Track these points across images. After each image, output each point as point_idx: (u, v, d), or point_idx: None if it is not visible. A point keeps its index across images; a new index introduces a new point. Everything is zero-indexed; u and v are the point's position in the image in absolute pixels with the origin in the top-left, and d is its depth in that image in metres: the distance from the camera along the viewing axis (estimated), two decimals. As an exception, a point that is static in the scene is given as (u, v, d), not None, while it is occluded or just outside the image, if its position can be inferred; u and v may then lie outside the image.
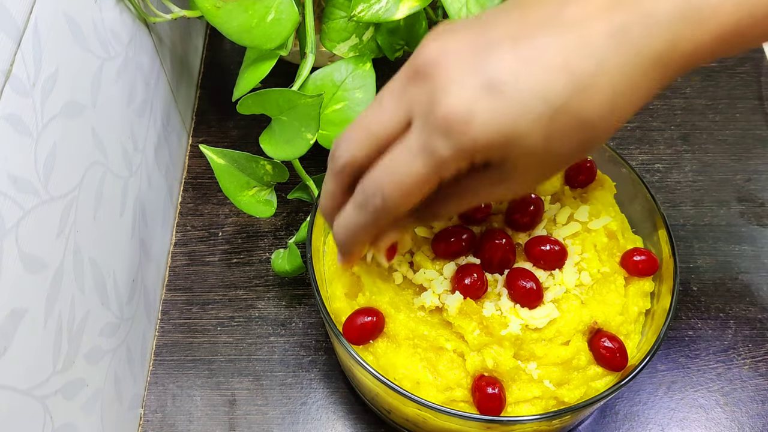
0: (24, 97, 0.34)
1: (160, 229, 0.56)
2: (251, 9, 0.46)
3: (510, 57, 0.30)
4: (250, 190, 0.49)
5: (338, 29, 0.50)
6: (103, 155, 0.44)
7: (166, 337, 0.54)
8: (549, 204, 0.46)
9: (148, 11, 0.52)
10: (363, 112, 0.35)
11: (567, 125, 0.30)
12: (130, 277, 0.49)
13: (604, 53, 0.30)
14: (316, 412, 0.51)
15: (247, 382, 0.52)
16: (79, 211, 0.41)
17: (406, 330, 0.42)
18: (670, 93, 0.67)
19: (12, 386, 0.33)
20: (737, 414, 0.50)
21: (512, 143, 0.30)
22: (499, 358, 0.40)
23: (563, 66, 0.30)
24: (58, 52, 0.38)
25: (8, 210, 0.33)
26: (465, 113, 0.30)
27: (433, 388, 0.41)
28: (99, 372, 0.43)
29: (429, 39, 0.33)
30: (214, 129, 0.65)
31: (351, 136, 0.34)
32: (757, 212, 0.60)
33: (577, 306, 0.42)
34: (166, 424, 0.50)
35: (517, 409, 0.41)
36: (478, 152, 0.31)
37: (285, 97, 0.45)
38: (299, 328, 0.54)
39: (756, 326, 0.54)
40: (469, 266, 0.42)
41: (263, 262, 0.57)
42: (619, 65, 0.30)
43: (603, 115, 0.31)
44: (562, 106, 0.30)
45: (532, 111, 0.30)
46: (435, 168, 0.31)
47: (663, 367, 0.52)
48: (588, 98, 0.30)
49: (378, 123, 0.33)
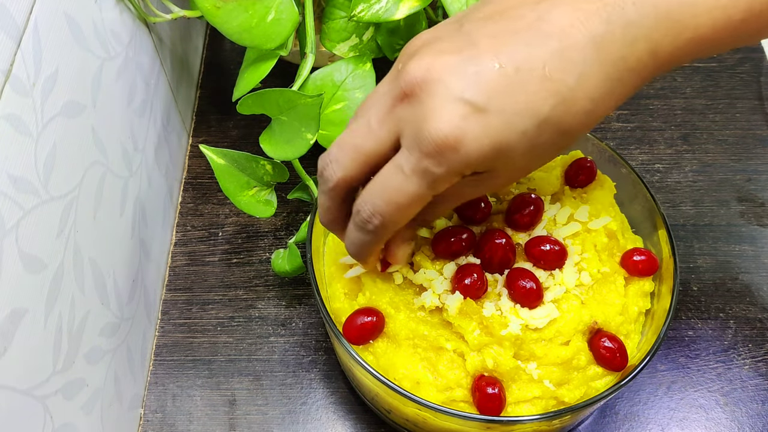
0: (24, 97, 0.34)
1: (160, 229, 0.56)
2: (251, 9, 0.46)
3: (495, 74, 0.31)
4: (250, 190, 0.49)
5: (338, 29, 0.50)
6: (103, 155, 0.44)
7: (166, 337, 0.54)
8: (549, 204, 0.46)
9: (148, 11, 0.52)
10: (348, 131, 0.35)
11: (550, 135, 0.32)
12: (130, 277, 0.49)
13: (584, 65, 0.31)
14: (316, 412, 0.51)
15: (247, 382, 0.52)
16: (79, 211, 0.41)
17: (406, 330, 0.42)
18: (670, 93, 0.67)
19: (12, 386, 0.33)
20: (737, 414, 0.50)
21: (500, 156, 0.32)
22: (499, 358, 0.40)
23: (545, 80, 0.31)
24: (58, 52, 0.38)
25: (8, 210, 0.33)
26: (455, 134, 0.31)
27: (433, 388, 0.41)
28: (99, 372, 0.43)
29: (412, 55, 0.33)
30: (214, 129, 0.65)
31: (340, 155, 0.35)
32: (757, 212, 0.60)
33: (577, 306, 0.42)
34: (166, 424, 0.50)
35: (517, 409, 0.41)
36: (469, 168, 0.32)
37: (285, 97, 0.45)
38: (299, 328, 0.54)
39: (756, 326, 0.54)
40: (469, 266, 0.42)
41: (263, 262, 0.57)
42: (599, 76, 0.31)
43: (581, 121, 0.32)
44: (545, 119, 0.31)
45: (518, 126, 0.31)
46: (428, 186, 0.33)
47: (663, 367, 0.52)
48: (568, 109, 0.31)
49: (367, 143, 0.34)
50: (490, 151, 0.31)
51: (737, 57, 0.69)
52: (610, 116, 0.65)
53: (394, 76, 0.34)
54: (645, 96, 0.66)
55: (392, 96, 0.33)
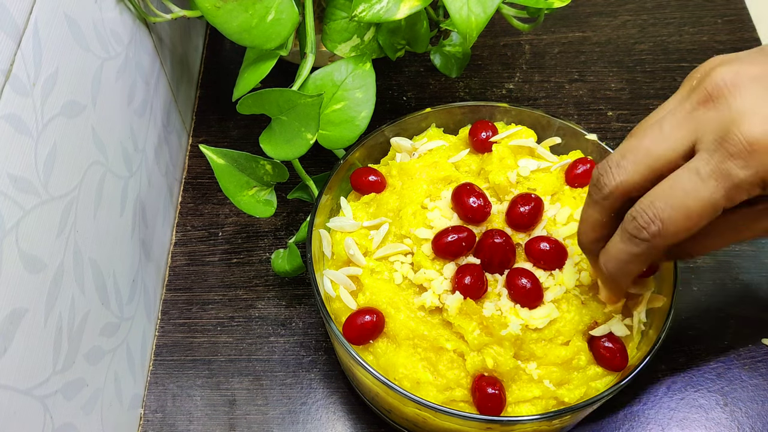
0: (24, 97, 0.34)
1: (160, 229, 0.56)
2: (251, 9, 0.46)
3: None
4: (250, 190, 0.49)
5: (339, 30, 0.50)
6: (103, 155, 0.44)
7: (166, 337, 0.54)
8: (549, 204, 0.46)
9: (148, 11, 0.52)
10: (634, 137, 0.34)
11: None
12: (130, 277, 0.49)
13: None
14: (316, 412, 0.51)
15: (247, 382, 0.52)
16: (79, 211, 0.41)
17: (406, 330, 0.42)
18: (670, 93, 0.66)
19: (12, 386, 0.33)
20: (737, 414, 0.50)
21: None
22: (499, 358, 0.40)
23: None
24: (58, 52, 0.38)
25: (8, 210, 0.33)
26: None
27: (433, 388, 0.41)
28: (99, 372, 0.43)
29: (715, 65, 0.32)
30: (214, 129, 0.65)
31: (623, 161, 0.33)
32: (757, 212, 0.60)
33: (577, 306, 0.42)
34: (166, 424, 0.50)
35: (517, 409, 0.41)
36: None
37: (285, 97, 0.45)
38: (299, 328, 0.54)
39: (756, 326, 0.54)
40: (469, 266, 0.42)
41: (263, 262, 0.57)
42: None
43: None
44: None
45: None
46: (727, 192, 0.31)
47: (663, 367, 0.52)
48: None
49: (658, 147, 0.32)
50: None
51: (737, 57, 0.69)
52: (610, 116, 0.65)
53: (688, 88, 0.33)
54: (645, 96, 0.66)
55: (692, 101, 0.32)
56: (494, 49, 0.70)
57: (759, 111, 0.30)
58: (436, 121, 0.52)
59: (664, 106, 0.34)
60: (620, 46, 0.70)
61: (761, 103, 0.30)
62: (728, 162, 0.30)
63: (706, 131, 0.31)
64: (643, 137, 0.33)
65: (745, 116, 0.30)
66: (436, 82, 0.67)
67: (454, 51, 0.56)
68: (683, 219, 0.31)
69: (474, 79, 0.68)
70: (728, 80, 0.31)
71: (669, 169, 0.32)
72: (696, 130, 0.32)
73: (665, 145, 0.32)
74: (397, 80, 0.67)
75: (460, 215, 0.45)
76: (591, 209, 0.36)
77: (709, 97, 0.31)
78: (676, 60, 0.68)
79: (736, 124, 0.30)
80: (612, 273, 0.36)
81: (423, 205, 0.46)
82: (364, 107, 0.48)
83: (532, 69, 0.68)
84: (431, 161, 0.48)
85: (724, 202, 0.31)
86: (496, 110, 0.52)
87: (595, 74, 0.68)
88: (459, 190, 0.45)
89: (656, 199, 0.32)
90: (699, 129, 0.32)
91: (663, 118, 0.33)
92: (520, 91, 0.67)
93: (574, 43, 0.70)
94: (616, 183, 0.34)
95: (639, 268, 0.35)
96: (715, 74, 0.32)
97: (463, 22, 0.44)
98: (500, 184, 0.46)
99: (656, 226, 0.32)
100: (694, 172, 0.31)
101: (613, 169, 0.34)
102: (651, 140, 0.33)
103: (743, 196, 0.31)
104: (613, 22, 0.72)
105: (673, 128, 0.32)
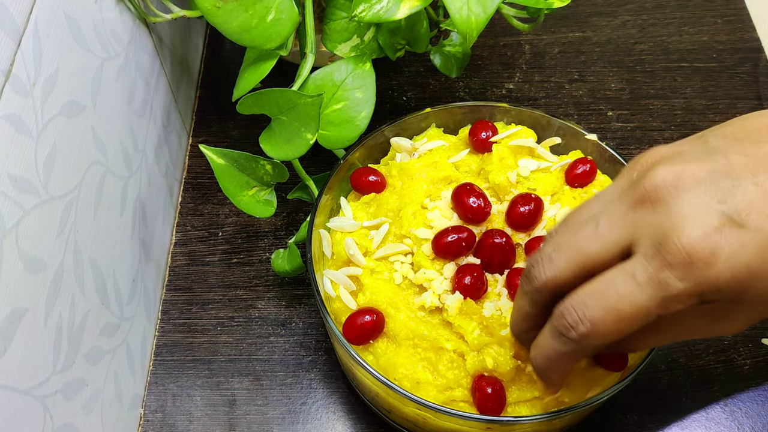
0: (24, 97, 0.34)
1: (160, 229, 0.56)
2: (251, 9, 0.46)
3: (753, 190, 0.29)
4: (250, 190, 0.49)
5: (340, 30, 0.50)
6: (103, 155, 0.44)
7: (166, 337, 0.54)
8: (549, 204, 0.46)
9: (148, 11, 0.52)
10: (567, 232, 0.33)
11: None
12: (130, 277, 0.49)
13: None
14: (316, 412, 0.51)
15: (247, 382, 0.52)
16: (79, 211, 0.41)
17: (406, 330, 0.42)
18: (670, 93, 0.67)
19: (12, 386, 0.33)
20: (737, 414, 0.50)
21: (755, 280, 0.29)
22: (499, 358, 0.40)
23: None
24: (58, 52, 0.38)
25: (8, 210, 0.33)
26: (710, 246, 0.28)
27: (433, 388, 0.41)
28: (99, 372, 0.43)
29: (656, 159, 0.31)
30: (214, 129, 0.65)
31: (555, 255, 0.32)
32: (757, 212, 0.60)
33: (577, 306, 0.42)
34: (166, 424, 0.50)
35: (517, 409, 0.41)
36: (715, 289, 0.29)
37: (285, 97, 0.45)
38: (299, 328, 0.54)
39: (756, 326, 0.54)
40: (469, 266, 0.42)
41: (263, 262, 0.57)
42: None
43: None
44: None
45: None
46: (662, 302, 0.29)
47: (663, 367, 0.52)
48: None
49: (592, 246, 0.31)
50: (744, 272, 0.28)
51: (737, 57, 0.69)
52: (610, 116, 0.65)
53: (628, 182, 0.32)
54: (645, 96, 0.66)
55: (629, 200, 0.31)
56: (494, 49, 0.70)
57: (699, 219, 0.29)
58: (436, 121, 0.52)
59: (600, 197, 0.33)
60: (620, 46, 0.70)
61: (701, 209, 0.29)
62: (666, 271, 0.29)
63: (643, 234, 0.30)
64: (577, 232, 0.32)
65: (686, 223, 0.29)
66: (436, 82, 0.67)
67: (454, 51, 0.56)
68: (614, 322, 0.30)
69: (474, 79, 0.68)
70: (668, 182, 0.30)
71: (602, 268, 0.31)
72: (633, 232, 0.30)
73: (600, 245, 0.31)
74: (397, 80, 0.67)
75: (460, 215, 0.45)
76: (522, 300, 0.35)
77: (647, 198, 0.30)
78: (676, 60, 0.68)
79: (675, 231, 0.29)
80: (540, 368, 0.35)
81: (423, 205, 0.46)
82: (364, 107, 0.48)
83: (532, 69, 0.69)
84: (431, 161, 0.48)
85: (657, 310, 0.30)
86: (496, 110, 0.52)
87: (595, 74, 0.68)
88: (459, 190, 0.45)
89: (588, 298, 0.31)
90: (637, 231, 0.30)
91: (600, 214, 0.32)
92: (520, 91, 0.67)
93: (574, 43, 0.70)
94: (546, 278, 0.33)
95: (569, 365, 0.34)
96: (655, 174, 0.30)
97: (463, 22, 0.44)
98: (500, 184, 0.46)
99: (585, 327, 0.31)
100: (630, 276, 0.30)
101: (544, 263, 0.33)
102: (585, 238, 0.32)
103: (679, 307, 0.30)
104: (613, 22, 0.72)
105: (609, 228, 0.31)
